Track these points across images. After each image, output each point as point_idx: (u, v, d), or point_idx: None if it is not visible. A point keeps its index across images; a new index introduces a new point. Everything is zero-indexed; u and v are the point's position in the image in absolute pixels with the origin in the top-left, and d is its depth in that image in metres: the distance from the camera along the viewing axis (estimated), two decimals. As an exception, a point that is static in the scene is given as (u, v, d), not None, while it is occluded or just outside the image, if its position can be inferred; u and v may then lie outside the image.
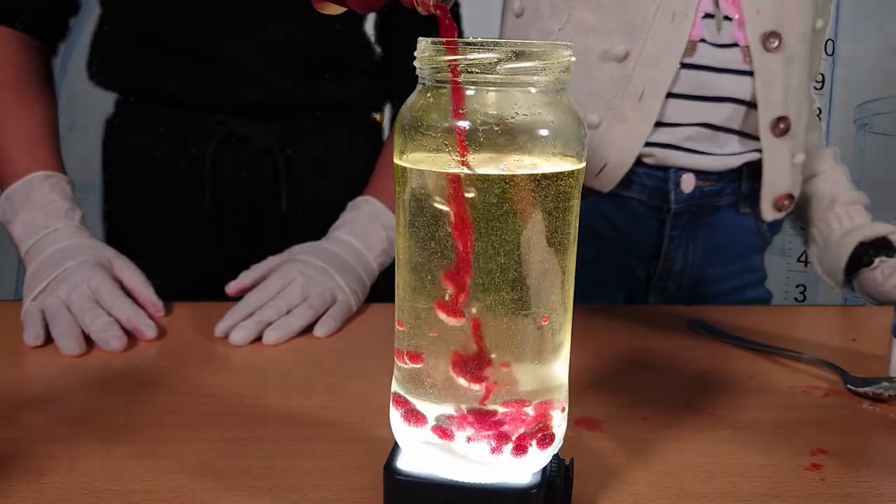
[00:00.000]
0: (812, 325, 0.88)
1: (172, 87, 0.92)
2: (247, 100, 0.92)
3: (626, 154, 0.87)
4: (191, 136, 0.92)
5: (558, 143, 0.39)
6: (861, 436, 0.58)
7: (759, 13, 0.83)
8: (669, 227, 0.90)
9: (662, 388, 0.66)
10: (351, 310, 0.81)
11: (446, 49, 0.38)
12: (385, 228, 0.88)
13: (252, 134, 0.93)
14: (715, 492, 0.50)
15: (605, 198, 0.90)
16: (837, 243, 0.92)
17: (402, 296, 0.42)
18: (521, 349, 0.41)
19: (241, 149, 0.93)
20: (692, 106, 0.86)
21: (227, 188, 0.94)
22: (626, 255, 0.93)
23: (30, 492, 0.48)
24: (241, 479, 0.50)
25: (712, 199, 0.91)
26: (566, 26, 0.86)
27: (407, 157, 0.40)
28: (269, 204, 0.95)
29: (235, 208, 0.95)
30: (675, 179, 0.89)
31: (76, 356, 0.68)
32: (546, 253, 0.40)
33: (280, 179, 0.94)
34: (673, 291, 0.94)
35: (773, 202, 0.91)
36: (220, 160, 0.93)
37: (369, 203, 0.89)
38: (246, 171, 0.94)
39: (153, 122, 0.93)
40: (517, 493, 0.41)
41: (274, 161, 0.94)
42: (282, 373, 0.69)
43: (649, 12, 0.83)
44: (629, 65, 0.84)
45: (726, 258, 0.95)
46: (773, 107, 0.86)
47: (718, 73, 0.85)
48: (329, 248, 0.84)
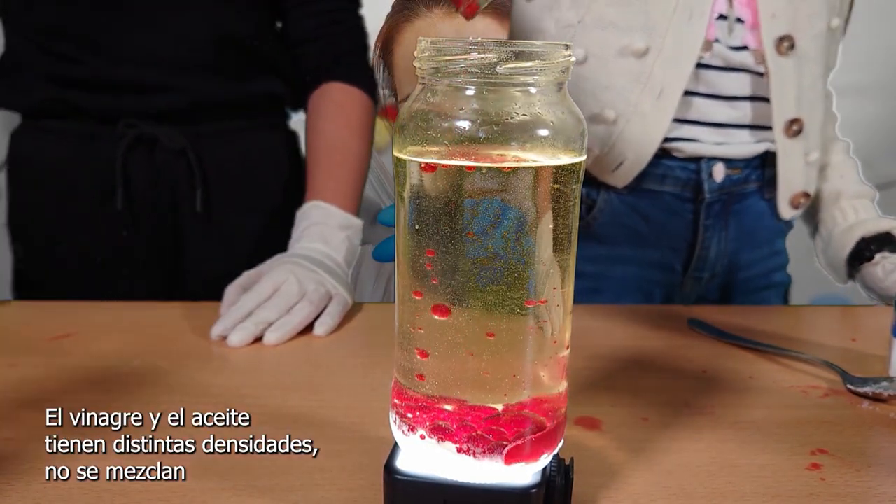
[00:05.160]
0: (812, 325, 0.88)
1: (74, 101, 0.92)
2: (153, 105, 0.92)
3: (644, 151, 0.87)
4: (97, 142, 0.92)
5: (558, 142, 0.39)
6: (861, 436, 0.58)
7: (775, 16, 0.84)
8: (704, 217, 0.92)
9: (662, 388, 0.66)
10: (348, 305, 0.81)
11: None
12: (341, 228, 0.88)
13: (162, 135, 0.93)
14: (715, 492, 0.50)
15: (640, 196, 0.91)
16: (840, 237, 0.93)
17: (402, 294, 0.42)
18: (521, 348, 0.41)
19: (154, 150, 0.93)
20: (707, 104, 0.87)
21: (139, 191, 0.94)
22: (663, 250, 0.94)
23: (30, 492, 0.48)
24: (241, 479, 0.50)
25: (740, 187, 0.92)
26: (585, 19, 0.85)
27: (407, 154, 0.40)
28: (186, 205, 0.95)
29: (151, 210, 0.95)
30: (708, 170, 0.90)
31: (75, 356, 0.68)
32: (546, 251, 0.40)
33: (195, 179, 0.94)
34: (707, 280, 0.95)
35: (789, 200, 0.92)
36: (131, 162, 0.93)
37: (319, 208, 0.89)
38: (159, 172, 0.94)
39: (60, 130, 0.94)
40: (517, 493, 0.41)
41: (188, 161, 0.94)
42: (282, 373, 0.69)
43: (668, 9, 0.83)
44: (648, 61, 0.84)
45: (755, 243, 0.96)
46: (786, 109, 0.87)
47: (732, 72, 0.86)
48: (303, 254, 0.85)
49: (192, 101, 0.93)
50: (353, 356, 0.73)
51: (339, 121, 0.95)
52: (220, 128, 0.96)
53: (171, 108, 0.93)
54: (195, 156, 0.94)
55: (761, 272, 0.98)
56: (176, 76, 0.92)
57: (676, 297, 0.96)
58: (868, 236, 0.91)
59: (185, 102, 0.93)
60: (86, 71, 0.90)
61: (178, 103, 0.93)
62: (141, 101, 0.92)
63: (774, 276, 0.99)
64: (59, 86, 0.91)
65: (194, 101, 0.93)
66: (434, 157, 0.39)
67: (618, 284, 0.93)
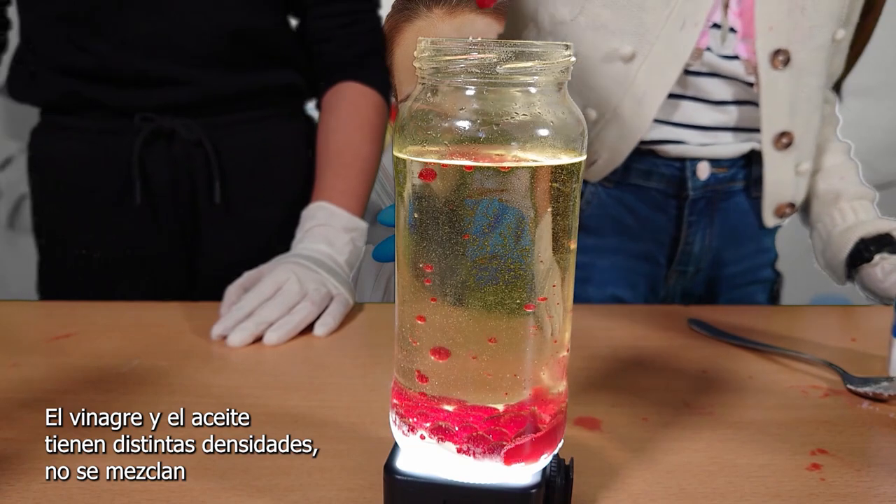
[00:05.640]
0: (812, 325, 0.88)
1: (89, 94, 0.92)
2: (167, 98, 0.92)
3: (618, 153, 0.88)
4: (117, 134, 0.93)
5: (558, 142, 0.39)
6: (861, 436, 0.58)
7: (772, 29, 0.83)
8: (688, 213, 0.92)
9: (662, 388, 0.66)
10: (349, 305, 0.81)
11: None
12: (347, 230, 0.88)
13: (180, 128, 0.93)
14: (715, 492, 0.50)
15: (626, 190, 0.92)
16: (839, 238, 0.93)
17: (402, 294, 0.42)
18: (521, 347, 0.41)
19: (171, 143, 0.93)
20: (694, 107, 0.87)
21: (158, 184, 0.94)
22: (648, 243, 0.94)
23: (30, 492, 0.48)
24: (241, 479, 0.50)
25: (726, 185, 0.93)
26: (578, 18, 0.86)
27: (407, 154, 0.40)
28: (204, 197, 0.95)
29: (169, 204, 0.95)
30: (692, 168, 0.90)
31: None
32: (546, 251, 0.40)
33: (212, 171, 0.94)
34: (692, 274, 0.96)
35: (773, 210, 0.93)
36: (148, 156, 0.93)
37: (324, 209, 0.89)
38: (177, 165, 0.94)
39: (77, 126, 0.94)
40: (517, 493, 0.41)
41: (205, 153, 0.94)
42: (282, 373, 0.69)
43: (662, 17, 0.83)
44: (634, 66, 0.84)
45: (741, 240, 0.96)
46: (776, 122, 0.87)
47: (721, 79, 0.86)
48: (306, 255, 0.85)
49: (205, 94, 0.93)
50: (353, 356, 0.73)
51: (353, 122, 0.95)
52: (237, 119, 0.96)
53: (185, 101, 0.93)
54: (212, 147, 0.94)
55: (747, 268, 0.98)
56: (188, 69, 0.92)
57: (661, 289, 0.97)
58: (867, 237, 0.91)
59: (198, 95, 0.93)
60: (99, 61, 0.90)
61: (192, 96, 0.93)
62: (155, 95, 0.92)
63: (761, 272, 1.00)
64: (73, 77, 0.91)
65: (208, 94, 0.93)
66: (434, 157, 0.39)
67: (604, 274, 0.94)
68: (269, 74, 0.97)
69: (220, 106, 0.95)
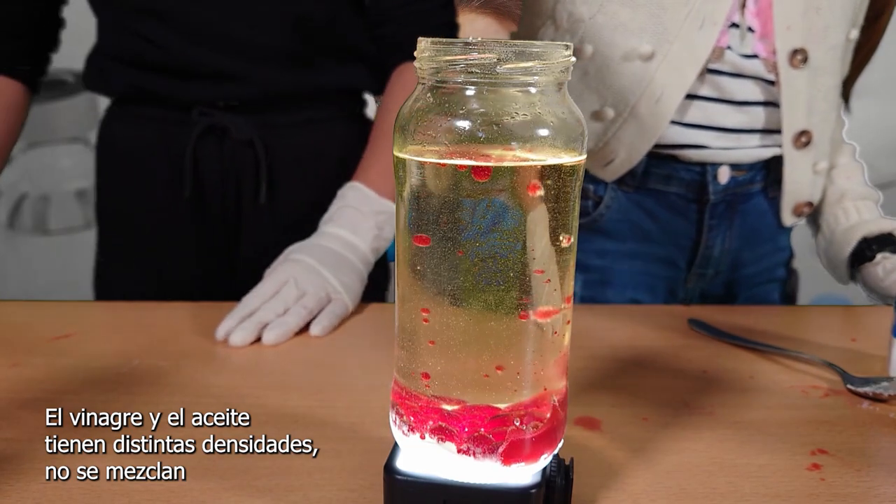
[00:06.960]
0: (812, 325, 0.88)
1: (152, 86, 0.93)
2: (226, 95, 0.92)
3: (635, 152, 0.88)
4: (174, 128, 0.93)
5: (558, 142, 0.39)
6: (861, 436, 0.58)
7: (790, 29, 0.84)
8: (708, 217, 0.93)
9: (662, 388, 0.66)
10: (347, 308, 0.81)
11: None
12: (375, 214, 0.87)
13: (232, 125, 0.93)
14: (715, 492, 0.50)
15: (646, 194, 0.92)
16: (842, 237, 0.93)
17: (402, 294, 0.42)
18: (520, 347, 0.41)
19: (223, 140, 0.94)
20: (717, 109, 0.87)
21: (208, 179, 0.95)
22: (668, 247, 0.95)
23: (30, 492, 0.48)
24: (241, 479, 0.50)
25: (745, 187, 0.93)
26: (597, 16, 0.86)
27: (406, 154, 0.40)
28: (249, 195, 0.96)
29: (217, 199, 0.96)
30: (713, 172, 0.91)
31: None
32: (546, 251, 0.40)
33: (260, 171, 0.94)
34: (711, 276, 0.96)
35: (792, 209, 0.93)
36: (201, 151, 0.94)
37: (356, 189, 0.88)
38: (227, 162, 0.94)
39: (139, 116, 0.95)
40: (517, 493, 0.41)
41: (255, 152, 0.94)
42: (282, 373, 0.69)
43: (680, 16, 0.83)
44: (653, 65, 0.84)
45: (759, 241, 0.97)
46: (795, 121, 0.87)
47: (742, 79, 0.87)
48: (322, 245, 0.84)
49: (264, 91, 0.93)
50: (353, 356, 0.73)
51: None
52: (292, 119, 0.96)
53: (241, 97, 0.93)
54: (263, 147, 0.94)
55: (764, 268, 0.99)
56: (250, 64, 0.92)
57: (680, 291, 0.97)
58: (869, 236, 0.91)
59: (255, 92, 0.93)
60: (163, 54, 0.91)
61: (249, 92, 0.93)
62: (214, 89, 0.92)
63: (778, 270, 1.01)
64: (138, 69, 0.92)
65: (267, 91, 0.93)
66: (434, 156, 0.39)
67: (623, 278, 0.94)
68: (331, 73, 0.96)
69: (277, 104, 0.95)
